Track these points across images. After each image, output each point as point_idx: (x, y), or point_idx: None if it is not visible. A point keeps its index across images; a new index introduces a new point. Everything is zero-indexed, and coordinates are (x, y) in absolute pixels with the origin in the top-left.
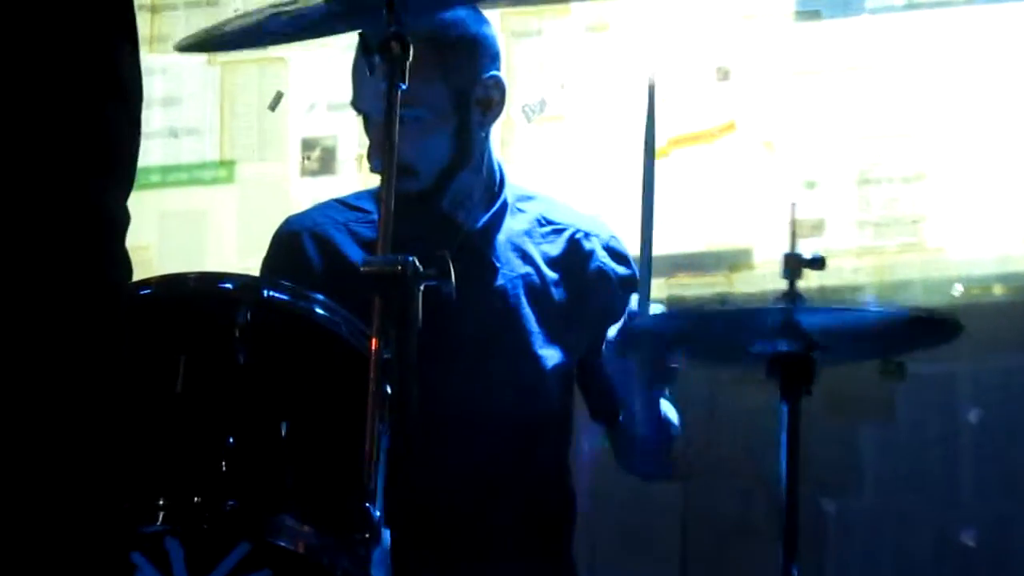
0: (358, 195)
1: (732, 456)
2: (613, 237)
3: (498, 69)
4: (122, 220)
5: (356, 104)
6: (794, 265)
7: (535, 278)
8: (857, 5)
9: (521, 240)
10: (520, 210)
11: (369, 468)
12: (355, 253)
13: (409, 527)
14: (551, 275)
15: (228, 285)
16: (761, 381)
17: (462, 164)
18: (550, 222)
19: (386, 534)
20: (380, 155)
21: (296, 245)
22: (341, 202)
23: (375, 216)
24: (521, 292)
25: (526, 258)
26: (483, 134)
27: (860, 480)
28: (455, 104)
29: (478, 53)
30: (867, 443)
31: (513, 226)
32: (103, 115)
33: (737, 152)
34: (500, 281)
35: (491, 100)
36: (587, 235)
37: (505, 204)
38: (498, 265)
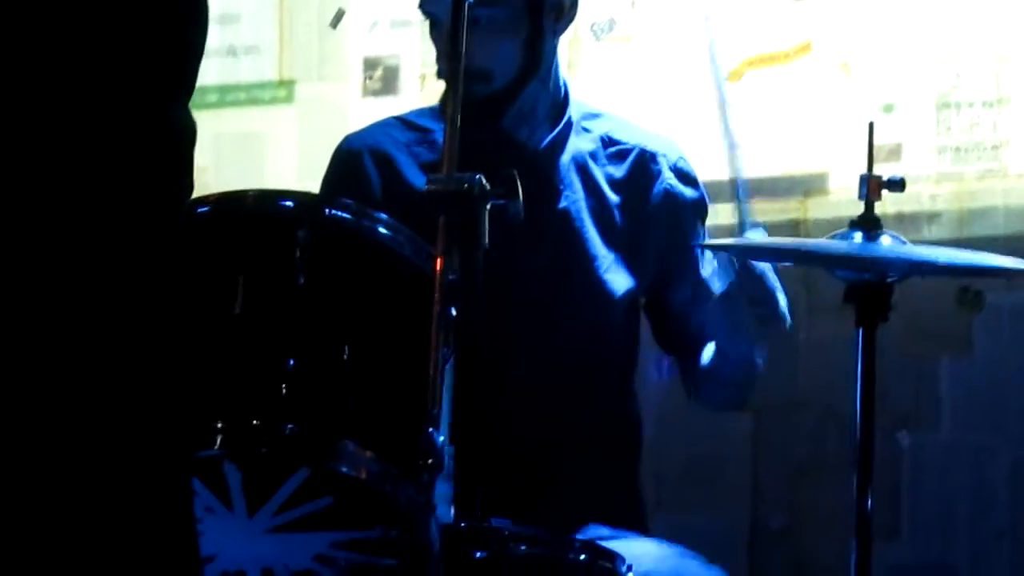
0: (420, 112)
1: (805, 387)
2: (681, 158)
3: None
4: (193, 128)
5: (424, 6)
6: (872, 187)
7: (598, 202)
8: None
9: (584, 161)
10: (585, 129)
11: (433, 393)
12: (415, 175)
13: (474, 455)
14: (615, 198)
15: (288, 203)
16: (837, 309)
17: (533, 72)
18: (615, 142)
19: (450, 461)
20: (448, 61)
21: (356, 164)
22: (402, 120)
23: (436, 136)
24: (585, 216)
25: (589, 180)
26: (554, 43)
27: (936, 414)
28: (530, 6)
29: None
30: (944, 375)
31: (578, 146)
32: (180, 39)
33: (812, 74)
34: (563, 204)
35: (563, 6)
36: (654, 155)
37: (570, 123)
38: (561, 187)
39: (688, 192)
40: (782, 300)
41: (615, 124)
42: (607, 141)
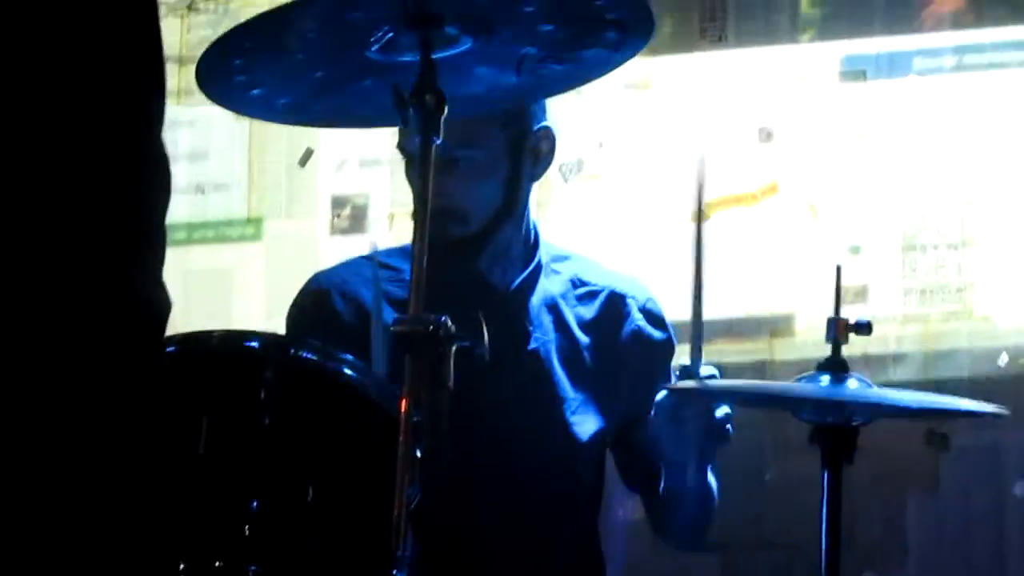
0: (388, 252)
1: (772, 527)
2: (650, 299)
3: (547, 121)
4: (166, 304)
5: (404, 145)
6: (840, 330)
7: (568, 343)
8: (904, 66)
9: (555, 303)
10: (555, 271)
11: (397, 534)
12: (385, 313)
13: None
14: (584, 339)
15: (253, 343)
16: (803, 449)
17: (508, 215)
18: (584, 283)
19: None
20: (415, 200)
21: (325, 303)
22: (368, 259)
23: (406, 275)
24: (554, 357)
25: (560, 321)
26: (529, 187)
27: (904, 554)
28: (509, 150)
29: (539, 102)
30: (911, 515)
31: (547, 288)
32: (145, 202)
33: (779, 215)
34: (533, 345)
35: (541, 151)
36: (623, 297)
37: (540, 265)
38: (531, 329)
39: (656, 334)
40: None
41: (584, 266)
42: (577, 283)
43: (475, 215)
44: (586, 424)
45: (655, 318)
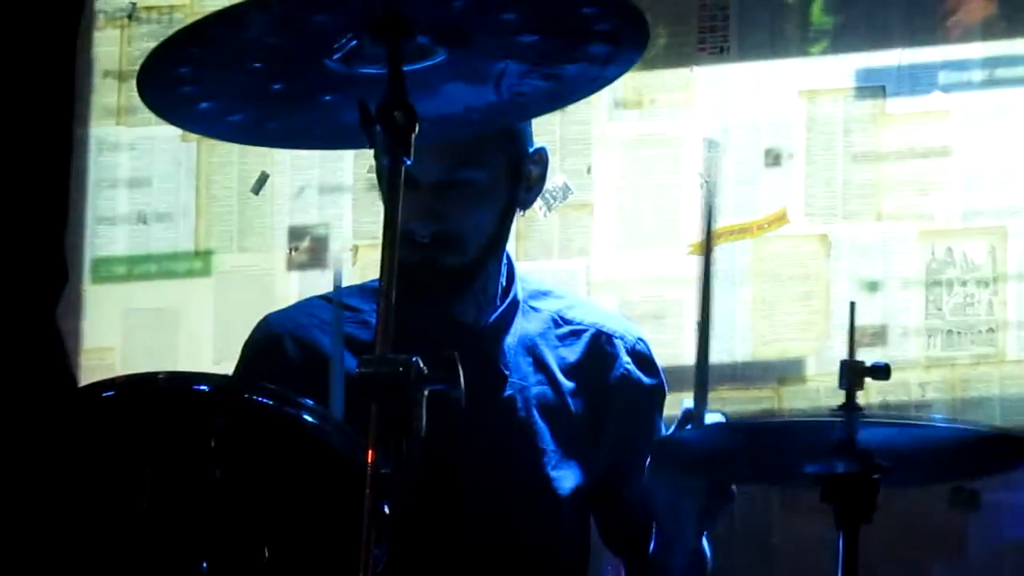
0: (347, 290)
1: None
2: (640, 340)
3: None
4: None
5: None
6: (854, 374)
7: (549, 388)
8: (927, 81)
9: (533, 343)
10: (533, 308)
11: None
12: (344, 358)
13: None
14: (567, 384)
15: (203, 387)
16: (815, 508)
17: (499, 245)
18: (567, 321)
19: None
20: (429, 221)
21: (276, 350)
22: (325, 299)
23: (367, 315)
24: (533, 404)
25: (539, 365)
26: (520, 215)
27: None
28: (508, 173)
29: (530, 122)
30: None
31: (525, 327)
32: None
33: (789, 247)
34: (509, 391)
35: (532, 176)
36: (610, 337)
37: (516, 301)
38: (507, 372)
39: (646, 379)
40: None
41: (566, 302)
42: (559, 321)
43: (471, 243)
44: (567, 479)
45: (645, 361)
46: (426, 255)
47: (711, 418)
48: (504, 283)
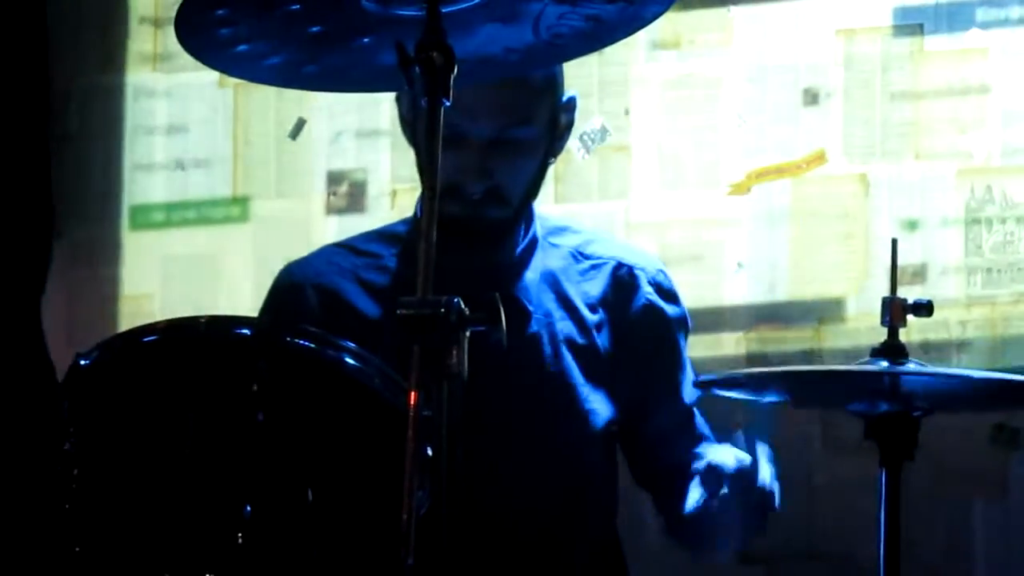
0: (365, 237)
1: (822, 536)
2: (660, 271)
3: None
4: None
5: (452, 122)
6: (896, 311)
7: (573, 323)
8: (965, 18)
9: (555, 279)
10: (553, 244)
11: (406, 540)
12: (366, 305)
13: None
14: (591, 318)
15: (245, 331)
16: (858, 448)
17: (535, 195)
18: (587, 256)
19: None
20: (481, 178)
21: (297, 299)
22: (345, 246)
23: (385, 260)
24: (560, 339)
25: (562, 300)
26: (552, 162)
27: (970, 566)
28: (549, 127)
29: (562, 69)
30: (977, 522)
31: (546, 263)
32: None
33: (828, 187)
34: (533, 328)
35: (564, 125)
36: (631, 268)
37: (535, 238)
38: (530, 309)
39: (669, 308)
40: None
41: (585, 237)
42: (578, 256)
43: (516, 197)
44: (598, 412)
45: (667, 291)
46: (474, 210)
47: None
48: (524, 222)
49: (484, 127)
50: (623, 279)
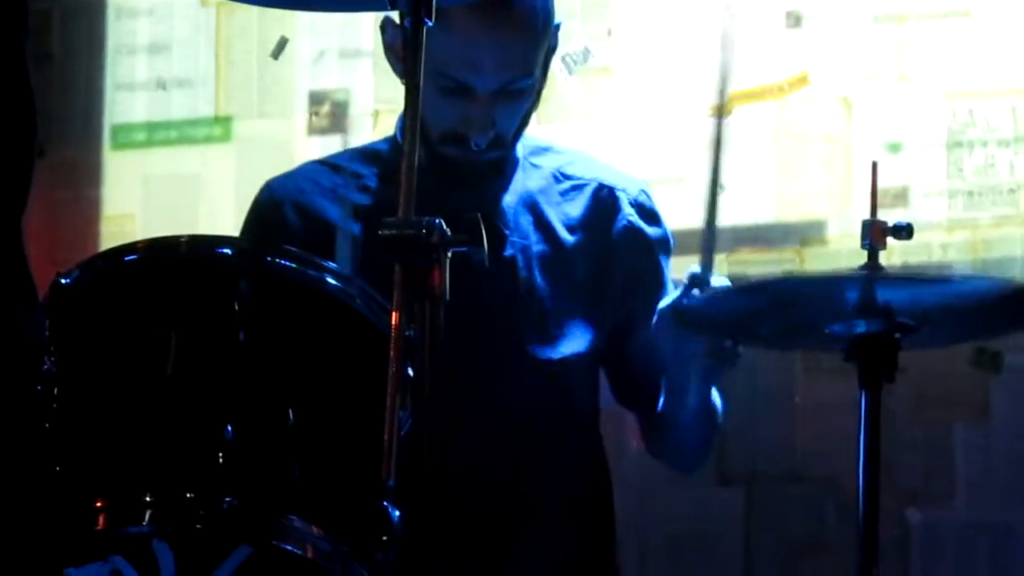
0: (347, 155)
1: (802, 458)
2: (642, 191)
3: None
4: None
5: (458, 76)
6: (876, 233)
7: (551, 246)
8: None
9: (534, 201)
10: (534, 165)
11: (389, 463)
12: (346, 223)
13: (429, 528)
14: (570, 239)
15: (226, 250)
16: (837, 369)
17: (525, 128)
18: (568, 177)
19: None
20: (486, 129)
21: (278, 215)
22: (326, 163)
23: (366, 180)
24: (535, 263)
25: (540, 222)
26: None
27: (950, 489)
28: (544, 67)
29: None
30: (958, 445)
31: (525, 184)
32: None
33: (810, 109)
34: (510, 251)
35: (551, 49)
36: (612, 190)
37: (516, 160)
38: (506, 232)
39: (650, 230)
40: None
41: (567, 158)
42: (559, 177)
43: (512, 139)
44: (575, 338)
45: (648, 212)
46: (475, 155)
47: (716, 282)
48: None
49: (490, 81)
50: (604, 200)
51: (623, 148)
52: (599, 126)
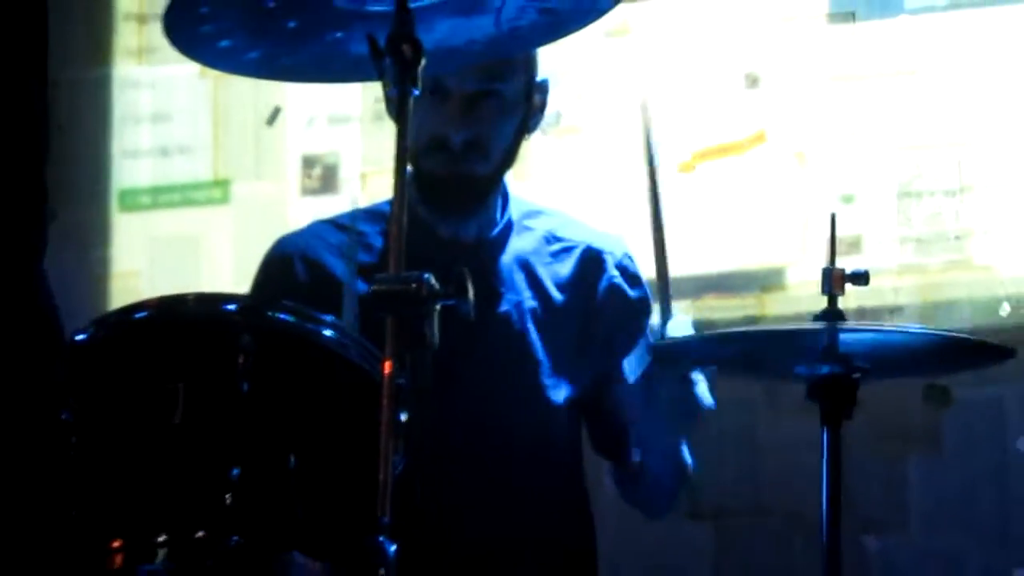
0: (352, 215)
1: (769, 493)
2: (627, 255)
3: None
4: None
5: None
6: (836, 280)
7: (542, 303)
8: (895, 5)
9: (527, 261)
10: (527, 227)
11: (383, 500)
12: (350, 279)
13: (421, 563)
14: (559, 298)
15: (230, 307)
16: (800, 409)
17: (512, 161)
18: (559, 239)
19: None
20: (462, 128)
21: (287, 270)
22: (333, 223)
23: (369, 238)
24: (528, 319)
25: (533, 281)
26: (526, 139)
27: (905, 516)
28: (525, 95)
29: (538, 53)
30: (912, 476)
31: (519, 245)
32: None
33: (768, 164)
34: (504, 307)
35: (536, 105)
36: (600, 253)
37: (511, 222)
38: (502, 290)
39: (631, 291)
40: (702, 386)
41: (558, 221)
42: (550, 239)
43: (495, 152)
44: (561, 388)
45: (631, 275)
46: (456, 164)
47: (683, 329)
48: (500, 203)
49: (466, 80)
50: (591, 262)
51: (591, 205)
52: (570, 184)
